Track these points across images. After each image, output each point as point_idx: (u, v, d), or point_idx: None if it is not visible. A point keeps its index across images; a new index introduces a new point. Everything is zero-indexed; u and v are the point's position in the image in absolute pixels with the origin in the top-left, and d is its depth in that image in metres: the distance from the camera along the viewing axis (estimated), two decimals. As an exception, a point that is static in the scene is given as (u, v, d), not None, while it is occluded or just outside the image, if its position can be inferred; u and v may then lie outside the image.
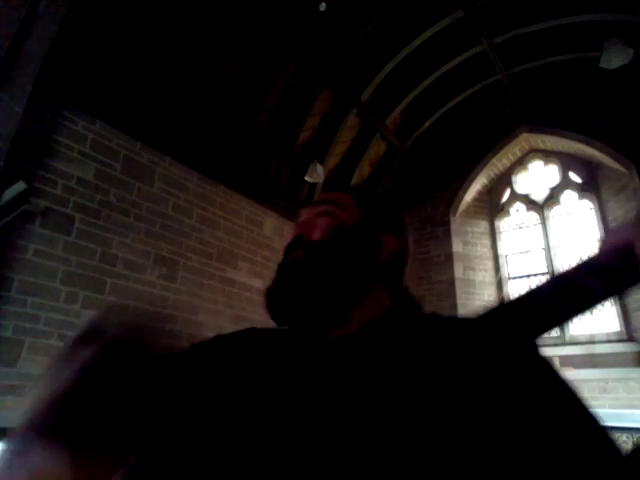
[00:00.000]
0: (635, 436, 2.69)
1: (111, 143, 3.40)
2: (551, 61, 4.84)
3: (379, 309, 0.56)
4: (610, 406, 4.01)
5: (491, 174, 5.92)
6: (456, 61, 4.83)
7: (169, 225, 3.72)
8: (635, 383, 4.15)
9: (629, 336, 4.47)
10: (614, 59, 3.91)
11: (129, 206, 3.44)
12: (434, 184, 6.01)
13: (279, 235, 4.79)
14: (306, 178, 4.72)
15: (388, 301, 0.59)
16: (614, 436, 0.41)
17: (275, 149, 4.73)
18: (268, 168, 4.75)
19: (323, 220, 0.59)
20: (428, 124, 5.66)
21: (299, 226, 0.61)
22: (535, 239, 5.51)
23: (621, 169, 4.71)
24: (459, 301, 5.35)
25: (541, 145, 5.64)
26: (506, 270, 5.61)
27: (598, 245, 0.49)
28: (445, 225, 5.76)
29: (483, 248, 5.76)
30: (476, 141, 5.82)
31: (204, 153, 4.08)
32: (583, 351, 4.56)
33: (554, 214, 5.50)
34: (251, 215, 4.57)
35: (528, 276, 5.43)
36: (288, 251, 0.58)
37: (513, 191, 5.87)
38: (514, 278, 5.53)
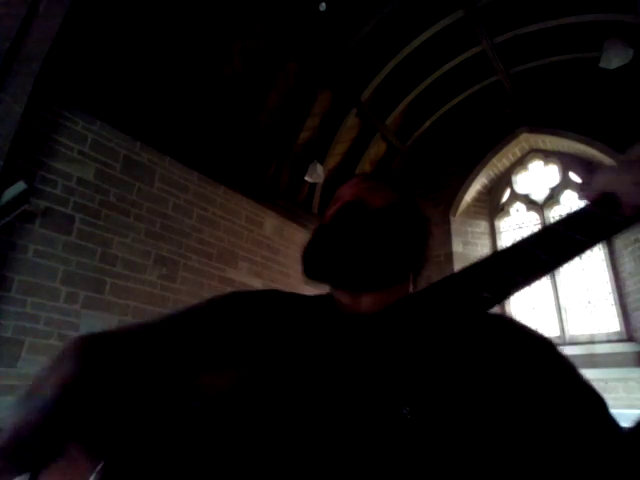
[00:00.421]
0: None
1: (111, 143, 3.39)
2: (551, 61, 4.84)
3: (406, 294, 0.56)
4: (610, 406, 3.99)
5: (491, 174, 5.93)
6: (456, 61, 4.83)
7: (169, 225, 3.72)
8: (635, 383, 4.15)
9: (629, 336, 4.48)
10: (614, 59, 3.91)
11: (129, 206, 3.44)
12: (434, 184, 6.00)
13: (279, 235, 4.79)
14: (306, 178, 4.72)
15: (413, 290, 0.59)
16: None
17: (275, 149, 4.73)
18: (268, 168, 4.75)
19: (381, 192, 0.59)
20: (428, 124, 5.66)
21: (350, 195, 0.59)
22: (535, 239, 5.52)
23: (621, 169, 4.71)
24: (459, 301, 5.34)
25: (541, 145, 5.64)
26: (506, 270, 5.61)
27: (580, 191, 0.50)
28: (445, 225, 5.76)
29: (483, 248, 5.75)
30: (476, 141, 5.82)
31: (204, 153, 4.07)
32: (583, 351, 4.55)
33: (554, 214, 5.50)
34: (251, 215, 4.57)
35: (528, 276, 5.43)
36: (342, 214, 0.57)
37: (513, 191, 5.87)
38: (514, 278, 5.53)
